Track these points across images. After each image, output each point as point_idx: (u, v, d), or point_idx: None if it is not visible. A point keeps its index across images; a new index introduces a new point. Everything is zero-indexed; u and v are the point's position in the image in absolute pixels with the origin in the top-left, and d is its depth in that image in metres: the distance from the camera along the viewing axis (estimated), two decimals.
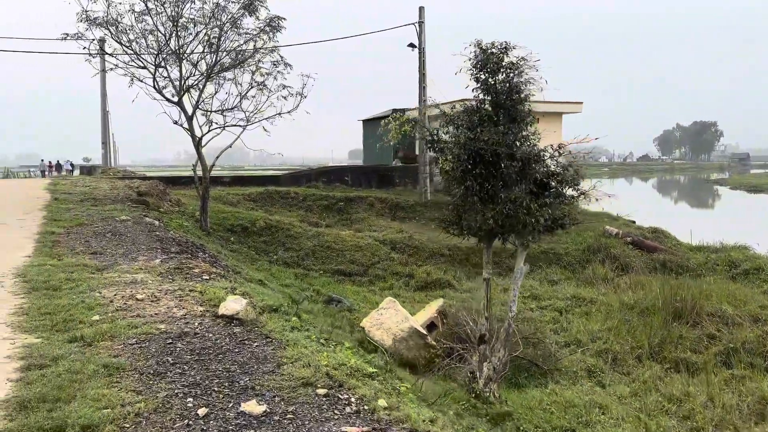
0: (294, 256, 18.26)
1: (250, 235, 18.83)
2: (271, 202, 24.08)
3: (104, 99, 32.54)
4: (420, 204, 24.95)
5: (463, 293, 17.09)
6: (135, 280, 7.74)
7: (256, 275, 14.15)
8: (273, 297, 9.16)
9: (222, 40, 15.73)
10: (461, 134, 8.40)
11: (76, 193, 17.49)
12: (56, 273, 7.80)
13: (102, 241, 10.35)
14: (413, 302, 15.93)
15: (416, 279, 17.72)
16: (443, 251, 20.01)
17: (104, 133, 32.90)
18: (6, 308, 6.33)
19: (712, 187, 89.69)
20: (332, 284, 16.83)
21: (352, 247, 19.10)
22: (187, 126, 15.78)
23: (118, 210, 14.24)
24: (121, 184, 20.62)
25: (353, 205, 24.65)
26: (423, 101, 24.73)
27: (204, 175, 16.50)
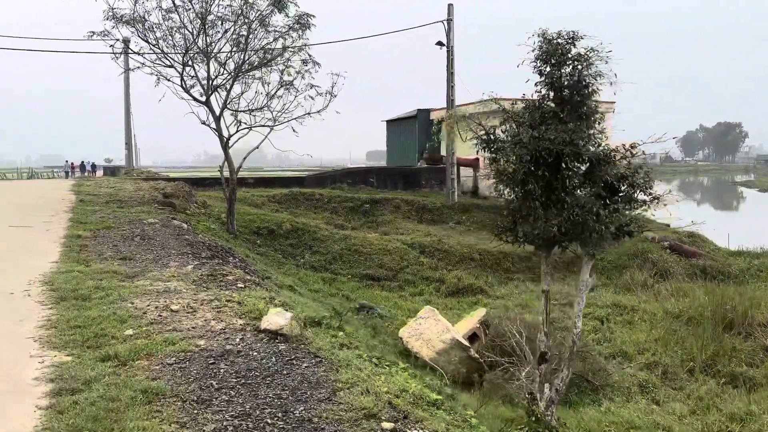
0: (321, 260, 17.79)
1: (277, 237, 18.40)
2: (296, 203, 23.65)
3: (128, 99, 32.43)
4: (447, 206, 24.36)
5: (496, 299, 16.48)
6: (168, 288, 7.28)
7: (285, 280, 13.70)
8: (312, 307, 8.67)
9: (250, 38, 15.31)
10: (524, 132, 7.80)
11: (101, 194, 17.20)
12: (85, 281, 7.37)
13: (130, 245, 9.94)
14: (446, 309, 15.35)
15: (447, 284, 17.14)
16: (473, 255, 19.40)
17: (128, 134, 32.79)
18: (33, 320, 5.89)
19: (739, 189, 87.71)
20: (361, 289, 16.32)
21: (380, 251, 18.58)
22: (215, 126, 15.37)
23: (145, 212, 13.87)
24: (146, 185, 20.32)
25: (379, 207, 24.13)
26: (451, 101, 24.13)
27: (231, 176, 16.10)
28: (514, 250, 20.35)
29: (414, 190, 26.32)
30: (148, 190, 18.66)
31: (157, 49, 14.82)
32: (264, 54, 15.30)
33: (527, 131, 7.71)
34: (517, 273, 19.29)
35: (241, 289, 7.81)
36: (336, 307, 10.26)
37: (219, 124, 15.47)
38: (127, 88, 31.89)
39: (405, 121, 32.43)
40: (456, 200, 24.54)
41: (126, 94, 32.24)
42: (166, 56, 14.86)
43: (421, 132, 31.20)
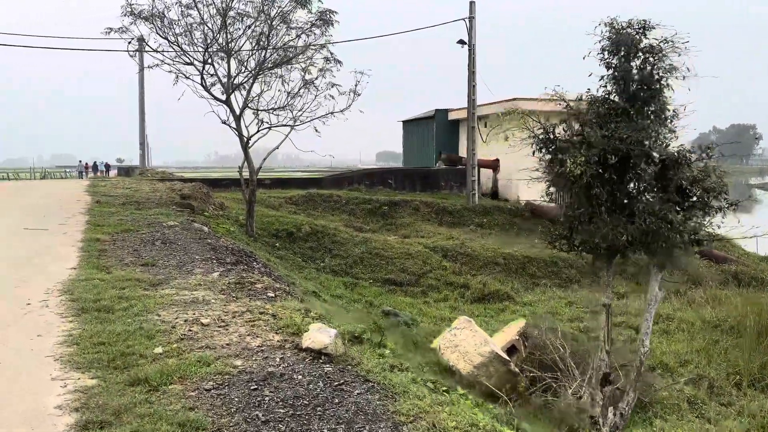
0: (341, 264, 17.26)
1: (296, 240, 17.89)
2: (314, 205, 23.15)
3: (142, 99, 32.11)
4: (468, 209, 23.78)
5: (523, 306, 15.89)
6: (195, 298, 6.78)
7: (308, 285, 13.19)
8: (348, 319, 8.14)
9: (271, 35, 14.82)
10: (592, 132, 7.21)
11: (118, 195, 16.78)
12: (106, 289, 6.88)
13: (152, 250, 9.46)
14: (472, 316, 14.77)
15: (472, 290, 16.56)
16: (498, 260, 18.81)
17: (142, 134, 32.46)
18: (53, 335, 5.40)
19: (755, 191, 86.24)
20: (383, 295, 15.77)
21: (402, 255, 18.03)
22: (235, 126, 14.89)
23: (164, 214, 13.41)
24: (162, 186, 19.91)
25: (398, 209, 23.58)
26: (472, 100, 23.55)
27: (251, 177, 15.62)
28: (539, 254, 19.80)
29: (433, 192, 25.75)
30: (165, 191, 18.23)
31: (176, 46, 14.36)
32: (285, 52, 14.80)
33: (595, 130, 7.12)
34: (543, 278, 18.68)
35: (272, 299, 7.30)
36: (376, 321, 9.71)
37: (239, 123, 14.99)
38: (141, 88, 31.56)
39: (422, 122, 31.88)
40: (477, 202, 23.95)
41: (140, 93, 31.91)
42: (185, 53, 14.40)
43: (439, 133, 30.64)
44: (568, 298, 16.82)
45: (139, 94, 31.96)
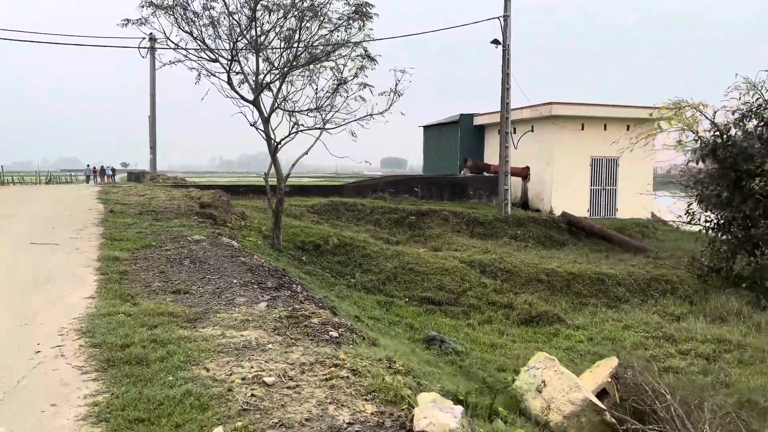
0: (374, 280, 15.86)
1: (323, 254, 16.51)
2: (337, 214, 21.79)
3: (153, 100, 30.85)
4: (500, 219, 22.37)
5: (576, 330, 14.45)
6: (247, 341, 5.39)
7: (347, 308, 11.79)
8: (439, 374, 6.74)
9: (303, 30, 13.49)
10: None
11: (132, 203, 15.43)
12: (135, 329, 5.51)
13: (181, 271, 8.08)
14: (523, 341, 13.38)
15: (518, 311, 15.12)
16: (540, 276, 17.38)
17: (152, 138, 31.18)
18: (73, 405, 4.02)
19: None
20: (422, 315, 14.36)
21: (438, 270, 16.62)
22: (263, 128, 13.54)
23: (186, 226, 12.05)
24: (178, 193, 18.56)
25: (425, 219, 22.20)
26: (506, 104, 22.18)
27: (278, 185, 14.26)
28: (584, 270, 18.38)
29: (461, 201, 24.36)
30: (182, 199, 16.88)
31: (200, 41, 13.02)
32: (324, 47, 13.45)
33: None
34: (590, 297, 17.24)
35: (337, 340, 5.91)
36: (484, 381, 8.28)
37: (267, 126, 13.63)
38: (153, 88, 30.31)
39: (445, 127, 30.53)
40: (509, 213, 22.53)
41: (152, 94, 30.65)
42: (210, 50, 13.07)
43: (464, 138, 29.28)
44: (623, 320, 15.37)
45: (150, 95, 30.71)
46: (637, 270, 18.85)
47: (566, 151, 24.57)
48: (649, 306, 17.28)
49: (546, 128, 24.85)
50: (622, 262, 20.05)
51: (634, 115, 25.23)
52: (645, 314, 16.15)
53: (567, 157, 24.61)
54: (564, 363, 12.09)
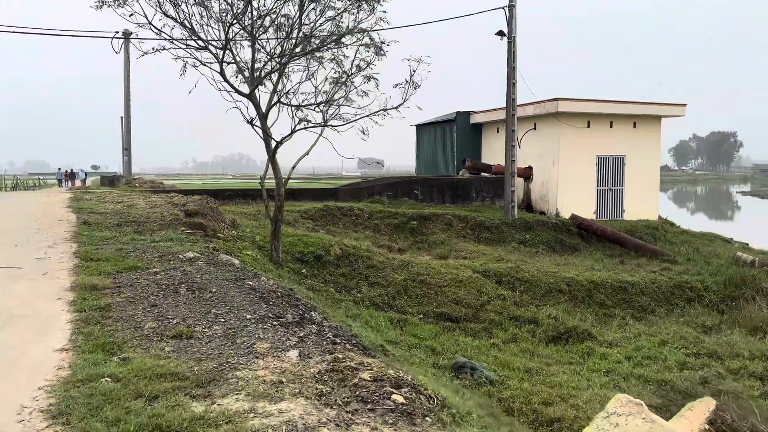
0: (383, 294, 14.28)
1: (325, 265, 14.87)
2: (333, 220, 20.15)
3: (128, 99, 28.81)
4: (507, 224, 20.96)
5: (610, 348, 13.05)
6: (291, 423, 3.78)
7: (362, 331, 10.17)
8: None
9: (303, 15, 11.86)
10: None
11: (109, 212, 13.61)
12: (127, 403, 3.87)
13: (177, 303, 6.42)
14: (557, 363, 11.93)
15: (544, 327, 13.68)
16: (561, 286, 15.99)
17: (127, 138, 29.13)
18: None
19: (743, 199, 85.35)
20: (441, 335, 12.84)
21: (451, 282, 15.12)
22: (260, 125, 11.87)
23: (175, 240, 10.33)
24: (159, 200, 16.75)
25: (428, 224, 20.68)
26: (512, 100, 20.78)
27: (277, 190, 12.60)
28: (604, 278, 17.05)
29: (463, 204, 22.91)
30: (165, 207, 15.09)
31: (187, 25, 11.30)
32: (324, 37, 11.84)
33: None
34: (613, 307, 15.91)
35: (407, 410, 4.33)
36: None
37: (265, 122, 11.97)
38: (127, 86, 28.27)
39: (440, 126, 29.05)
40: (516, 216, 21.14)
41: (126, 92, 28.61)
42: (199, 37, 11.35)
43: (460, 137, 27.84)
44: (656, 334, 14.04)
45: (125, 93, 28.66)
46: (658, 277, 17.61)
47: (572, 149, 23.30)
48: (675, 316, 16.04)
49: (551, 126, 23.54)
50: (640, 267, 18.80)
51: (641, 111, 24.09)
52: (676, 326, 14.88)
53: (573, 156, 23.34)
54: (609, 389, 10.67)
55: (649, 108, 24.21)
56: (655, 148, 24.98)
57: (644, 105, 24.25)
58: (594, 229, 20.79)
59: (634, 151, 24.28)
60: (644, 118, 24.32)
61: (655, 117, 24.61)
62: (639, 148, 24.32)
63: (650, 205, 24.84)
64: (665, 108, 24.53)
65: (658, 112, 24.41)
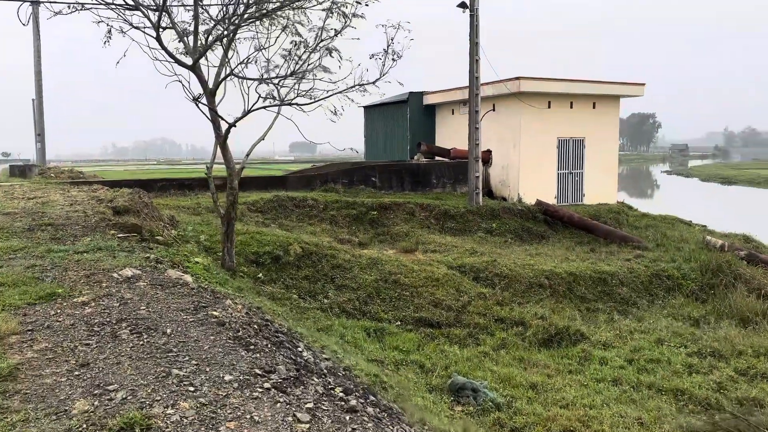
0: (353, 299, 12.54)
1: (285, 267, 12.95)
2: (285, 212, 18.13)
3: (39, 78, 25.39)
4: (471, 211, 19.60)
5: (606, 350, 11.88)
6: None
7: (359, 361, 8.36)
8: None
9: None
10: None
11: (18, 212, 11.10)
12: None
13: (120, 361, 4.44)
14: (558, 372, 10.60)
15: (533, 329, 12.36)
16: (541, 280, 14.76)
17: (40, 122, 25.72)
18: None
19: (668, 178, 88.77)
20: (424, 345, 11.27)
21: (426, 281, 13.56)
22: (206, 102, 9.76)
23: (105, 249, 8.16)
24: (80, 194, 14.22)
25: (389, 214, 19.03)
26: (475, 78, 19.31)
27: (230, 182, 10.55)
28: (581, 269, 15.95)
29: (424, 191, 21.37)
30: (88, 203, 12.66)
31: None
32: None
33: None
34: (595, 301, 14.85)
35: None
36: None
37: (213, 100, 9.87)
38: (38, 63, 24.87)
39: (392, 107, 27.29)
40: (480, 203, 19.82)
41: (37, 70, 25.19)
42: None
43: (413, 119, 26.23)
44: (648, 331, 13.03)
45: (35, 71, 25.22)
46: (634, 265, 16.73)
47: (533, 131, 22.18)
48: (658, 308, 15.19)
49: (512, 106, 22.30)
50: (613, 255, 17.90)
51: (601, 91, 23.25)
52: (665, 320, 13.98)
53: (534, 138, 22.24)
54: (625, 404, 9.44)
55: (608, 87, 23.41)
56: (613, 129, 24.29)
57: (604, 84, 23.42)
58: (561, 215, 19.77)
59: (594, 133, 23.48)
60: (603, 99, 23.52)
61: (614, 97, 23.87)
62: (598, 130, 23.54)
63: (609, 189, 24.19)
64: (624, 87, 23.80)
65: (617, 91, 23.66)
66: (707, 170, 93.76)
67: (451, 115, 25.74)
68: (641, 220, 22.74)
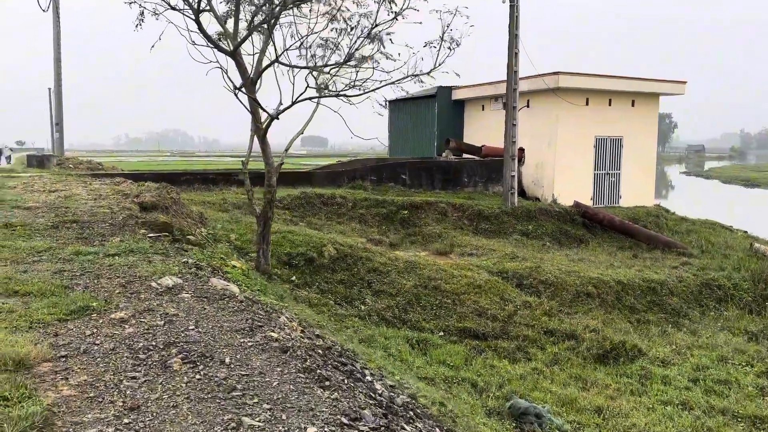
0: (392, 306, 11.72)
1: (319, 270, 12.16)
2: (312, 210, 17.36)
3: (58, 66, 24.73)
4: (506, 212, 18.72)
5: (666, 367, 10.99)
6: None
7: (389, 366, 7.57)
8: None
9: None
10: None
11: (40, 207, 10.38)
12: None
13: (177, 403, 3.64)
14: (619, 393, 9.73)
15: (586, 343, 11.49)
16: (588, 289, 13.88)
17: (58, 111, 25.09)
18: None
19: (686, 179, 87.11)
20: (472, 359, 10.43)
21: (468, 287, 12.72)
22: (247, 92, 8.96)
23: (138, 252, 7.38)
24: (104, 187, 13.52)
25: (420, 214, 18.20)
26: (514, 72, 18.39)
27: (268, 179, 9.76)
28: (630, 277, 15.04)
29: (455, 190, 20.51)
30: (113, 197, 11.94)
31: None
32: None
33: None
34: (645, 312, 13.96)
35: None
36: None
37: (254, 90, 9.06)
38: (57, 50, 24.21)
39: (419, 102, 26.41)
40: (516, 204, 18.93)
41: (56, 59, 24.53)
42: None
43: (441, 115, 25.34)
44: (709, 347, 12.13)
45: (55, 59, 24.56)
46: (683, 274, 15.81)
47: (570, 129, 21.24)
48: (710, 320, 14.27)
49: (548, 103, 21.36)
50: (658, 262, 16.99)
51: (640, 88, 22.25)
52: (722, 334, 13.06)
53: (571, 136, 21.30)
54: None
55: (648, 85, 22.40)
56: (652, 128, 23.28)
57: (643, 81, 22.41)
58: (600, 218, 18.84)
59: (632, 132, 22.50)
60: (642, 96, 22.52)
61: (653, 95, 22.86)
62: (637, 129, 22.55)
63: (646, 191, 23.21)
64: (664, 85, 22.78)
65: (656, 89, 22.64)
66: (727, 172, 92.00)
67: (481, 111, 24.82)
68: (680, 224, 21.75)
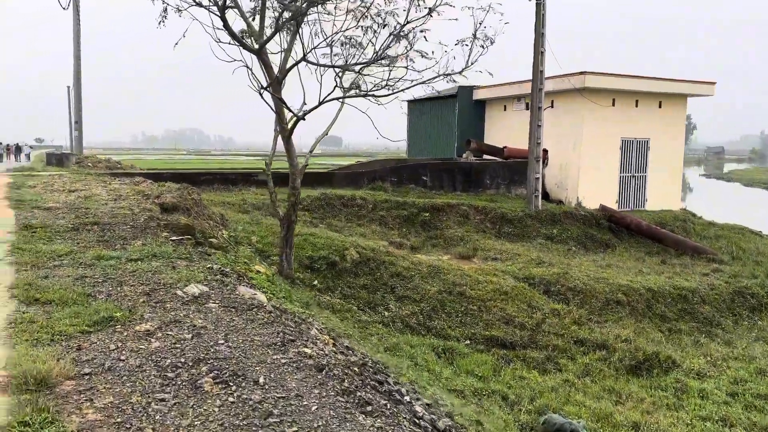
0: (416, 312, 11.40)
1: (341, 274, 11.87)
2: (332, 211, 17.07)
3: (78, 64, 24.69)
4: (530, 216, 18.30)
5: (701, 380, 10.55)
6: None
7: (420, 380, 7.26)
8: None
9: None
10: None
11: (60, 207, 10.19)
12: None
13: (210, 430, 3.34)
14: (655, 407, 9.32)
15: (618, 353, 11.08)
16: (618, 296, 13.46)
17: (78, 109, 25.05)
18: None
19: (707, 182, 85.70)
20: (500, 369, 10.08)
21: (494, 294, 12.36)
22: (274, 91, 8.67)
23: (161, 256, 7.12)
24: (124, 187, 13.34)
25: (441, 216, 17.85)
26: (540, 72, 17.97)
27: (292, 180, 9.48)
28: (660, 284, 14.58)
29: (477, 192, 20.13)
30: (133, 198, 11.74)
31: None
32: None
33: None
34: (676, 320, 13.50)
35: None
36: None
37: (279, 89, 8.78)
38: (77, 48, 24.17)
39: (439, 102, 26.04)
40: (540, 207, 18.51)
41: (75, 56, 24.49)
42: None
43: (462, 115, 24.96)
44: (746, 359, 11.66)
45: (74, 56, 24.52)
46: (715, 281, 15.31)
47: (596, 130, 20.77)
48: (744, 329, 13.78)
49: (573, 103, 20.90)
50: (687, 269, 16.49)
51: (668, 89, 21.70)
52: (758, 346, 12.58)
53: (596, 138, 20.83)
54: None
55: (676, 86, 21.85)
56: (679, 130, 22.74)
57: (671, 82, 21.87)
58: (627, 222, 18.36)
59: (659, 134, 21.97)
60: (670, 98, 21.97)
61: (681, 96, 22.30)
62: (664, 131, 22.02)
63: (673, 194, 22.67)
64: (693, 86, 22.21)
65: (684, 90, 22.08)
66: (748, 174, 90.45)
67: (503, 111, 24.40)
68: (708, 228, 21.18)
